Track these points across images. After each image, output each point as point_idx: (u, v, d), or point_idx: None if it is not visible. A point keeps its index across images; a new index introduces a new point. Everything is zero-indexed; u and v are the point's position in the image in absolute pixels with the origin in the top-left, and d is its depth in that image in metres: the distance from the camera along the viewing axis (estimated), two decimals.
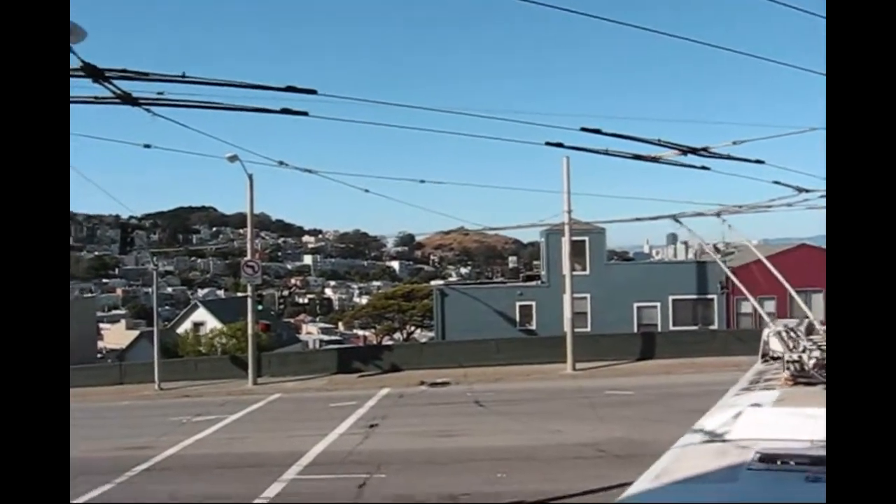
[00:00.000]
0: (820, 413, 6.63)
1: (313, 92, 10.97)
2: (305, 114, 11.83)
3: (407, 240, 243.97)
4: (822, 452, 5.63)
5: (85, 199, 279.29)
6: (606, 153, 12.29)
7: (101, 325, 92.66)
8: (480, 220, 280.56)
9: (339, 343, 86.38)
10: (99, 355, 73.06)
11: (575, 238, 40.06)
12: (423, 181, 28.72)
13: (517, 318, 46.57)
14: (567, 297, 37.84)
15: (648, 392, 28.96)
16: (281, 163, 27.96)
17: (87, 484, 19.64)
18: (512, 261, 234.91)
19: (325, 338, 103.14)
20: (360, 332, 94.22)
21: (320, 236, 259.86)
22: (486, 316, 45.47)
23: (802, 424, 7.04)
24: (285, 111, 11.56)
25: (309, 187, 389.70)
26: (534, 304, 46.66)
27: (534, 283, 51.31)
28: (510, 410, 26.76)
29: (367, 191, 32.25)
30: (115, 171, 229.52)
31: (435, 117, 15.58)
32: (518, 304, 46.93)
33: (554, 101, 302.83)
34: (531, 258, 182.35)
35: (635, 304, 45.31)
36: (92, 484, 19.67)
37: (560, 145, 12.10)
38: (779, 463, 6.00)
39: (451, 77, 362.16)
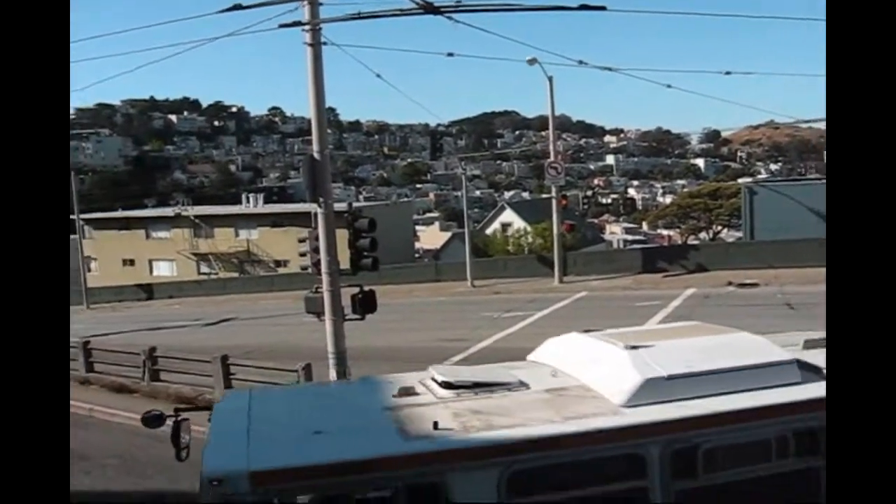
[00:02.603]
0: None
1: None
2: (603, 8, 11.71)
3: (712, 136, 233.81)
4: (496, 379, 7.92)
5: (396, 109, 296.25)
6: None
7: (417, 228, 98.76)
8: (793, 111, 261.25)
9: (642, 243, 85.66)
10: (416, 255, 78.29)
11: None
12: (728, 73, 27.35)
13: None
14: None
15: None
16: (580, 62, 27.78)
17: (411, 371, 21.51)
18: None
19: (629, 237, 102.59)
20: (665, 232, 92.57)
21: (622, 135, 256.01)
22: (798, 215, 42.67)
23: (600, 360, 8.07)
24: (583, 7, 11.52)
25: (609, 86, 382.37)
26: None
27: None
28: (824, 314, 25.23)
29: (669, 86, 31.37)
30: (422, 80, 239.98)
31: (741, 1, 14.65)
32: None
33: None
34: None
35: None
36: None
37: None
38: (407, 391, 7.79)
39: None
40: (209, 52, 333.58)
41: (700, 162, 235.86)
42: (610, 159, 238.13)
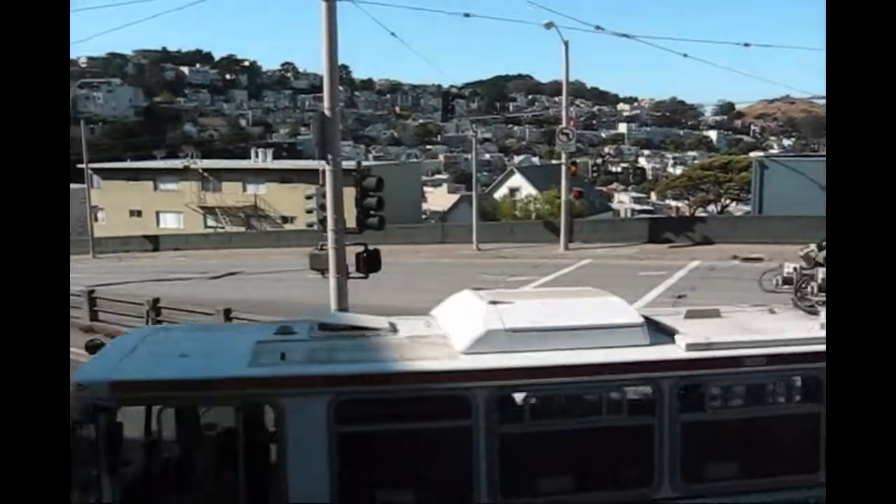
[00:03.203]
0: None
1: None
2: None
3: (726, 108, 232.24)
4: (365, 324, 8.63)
5: (409, 69, 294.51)
6: None
7: (425, 189, 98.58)
8: (809, 87, 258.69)
9: (650, 213, 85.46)
10: (423, 216, 78.25)
11: None
12: (747, 45, 27.14)
13: None
14: None
15: None
16: (597, 27, 27.58)
17: None
18: None
19: (637, 207, 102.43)
20: (673, 203, 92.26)
21: (635, 104, 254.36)
22: (808, 192, 42.36)
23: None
24: None
25: (625, 53, 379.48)
26: None
27: None
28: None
29: (685, 55, 31.21)
30: (437, 41, 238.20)
31: None
32: None
33: None
34: None
35: None
36: None
37: None
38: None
39: None
40: (224, 3, 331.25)
41: (713, 134, 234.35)
42: (622, 127, 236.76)
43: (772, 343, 8.20)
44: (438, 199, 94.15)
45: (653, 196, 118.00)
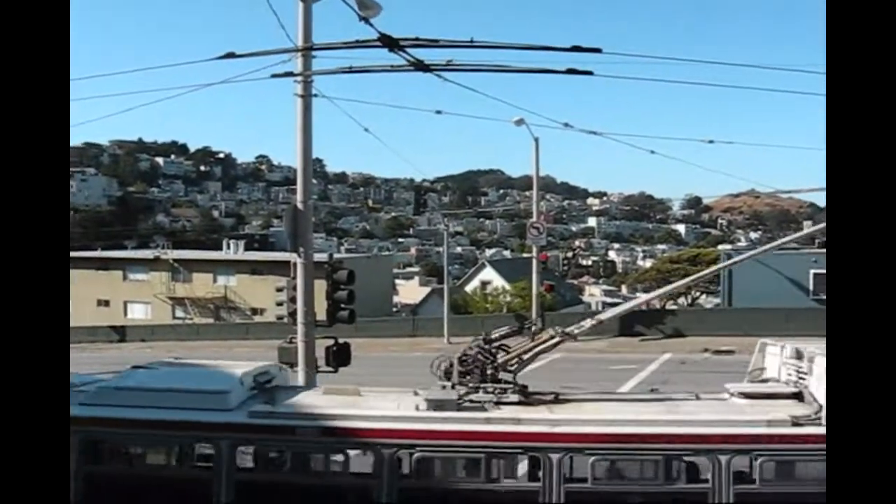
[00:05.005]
0: None
1: (598, 51, 10.98)
2: (590, 73, 11.86)
3: (693, 202, 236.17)
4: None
5: (382, 163, 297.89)
6: None
7: (397, 282, 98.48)
8: (773, 182, 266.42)
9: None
10: (394, 309, 77.93)
11: None
12: (711, 141, 27.71)
13: (811, 287, 43.66)
14: None
15: None
16: (566, 125, 28.11)
17: None
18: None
19: (608, 300, 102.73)
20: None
21: (605, 199, 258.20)
22: (776, 283, 43.00)
23: None
24: (571, 71, 11.65)
25: (594, 149, 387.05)
26: None
27: None
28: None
29: (652, 152, 31.69)
30: (409, 136, 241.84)
31: (725, 72, 14.92)
32: (812, 271, 43.89)
33: None
34: None
35: None
36: None
37: None
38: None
39: (738, 36, 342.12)
40: (201, 97, 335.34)
41: (681, 228, 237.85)
42: (592, 221, 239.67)
43: (339, 417, 9.16)
44: (410, 291, 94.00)
45: (623, 289, 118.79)
